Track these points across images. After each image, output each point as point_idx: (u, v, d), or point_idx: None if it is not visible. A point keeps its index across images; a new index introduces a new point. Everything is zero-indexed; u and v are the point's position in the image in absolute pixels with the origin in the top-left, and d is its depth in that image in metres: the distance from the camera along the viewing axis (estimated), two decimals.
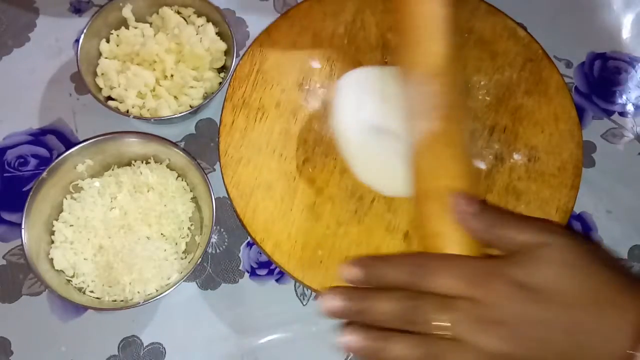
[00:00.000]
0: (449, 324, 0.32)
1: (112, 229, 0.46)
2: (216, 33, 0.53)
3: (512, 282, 0.33)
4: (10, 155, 0.51)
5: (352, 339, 0.33)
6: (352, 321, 0.34)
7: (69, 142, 0.52)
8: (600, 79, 0.56)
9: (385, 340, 0.33)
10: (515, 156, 0.49)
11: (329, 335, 0.46)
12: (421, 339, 0.33)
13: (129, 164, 0.49)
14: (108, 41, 0.53)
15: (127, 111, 0.50)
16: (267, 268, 0.49)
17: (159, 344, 0.46)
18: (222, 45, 0.53)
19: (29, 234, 0.44)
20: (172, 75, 0.51)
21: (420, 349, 0.32)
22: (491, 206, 0.37)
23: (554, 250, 0.34)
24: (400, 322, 0.33)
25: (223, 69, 0.53)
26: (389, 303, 0.33)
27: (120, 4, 0.53)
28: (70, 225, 0.47)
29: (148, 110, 0.51)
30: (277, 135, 0.49)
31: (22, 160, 0.51)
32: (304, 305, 0.48)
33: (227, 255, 0.49)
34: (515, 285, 0.33)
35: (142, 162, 0.49)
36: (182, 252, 0.47)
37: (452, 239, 0.36)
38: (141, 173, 0.48)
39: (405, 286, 0.34)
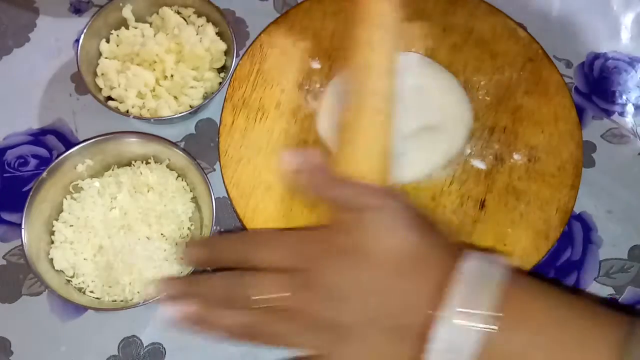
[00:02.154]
0: (268, 297, 0.33)
1: (112, 229, 0.46)
2: (216, 33, 0.53)
3: (336, 249, 0.34)
4: (10, 155, 0.51)
5: (179, 309, 0.35)
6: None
7: (69, 142, 0.52)
8: (600, 79, 0.56)
9: (211, 310, 0.34)
10: (515, 156, 0.49)
11: None
12: (249, 311, 0.34)
13: (128, 164, 0.49)
14: (108, 41, 0.53)
15: (127, 111, 0.50)
16: None
17: (159, 344, 0.46)
18: (222, 45, 0.53)
19: (29, 234, 0.44)
20: (172, 76, 0.51)
21: (245, 318, 0.33)
22: (337, 173, 0.38)
23: (368, 215, 0.34)
24: (225, 301, 0.34)
25: (223, 69, 0.53)
26: (213, 282, 0.35)
27: (120, 4, 0.53)
28: (70, 226, 0.47)
29: (148, 110, 0.51)
30: (277, 136, 0.49)
31: (22, 160, 0.51)
32: None
33: None
34: (338, 252, 0.33)
35: (142, 162, 0.49)
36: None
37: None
38: (141, 173, 0.48)
39: (238, 263, 0.35)
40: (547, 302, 0.32)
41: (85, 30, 0.51)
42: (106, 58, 0.52)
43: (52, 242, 0.46)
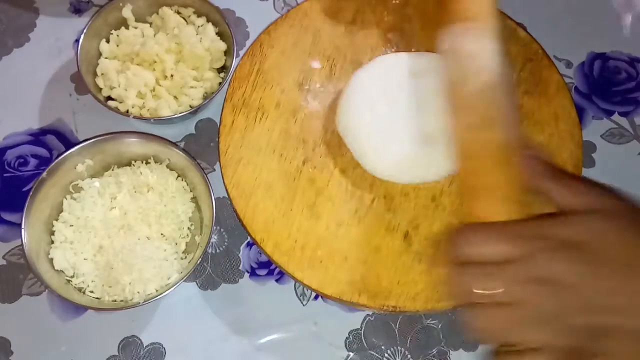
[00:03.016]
0: (492, 292, 0.32)
1: (112, 229, 0.46)
2: (216, 33, 0.53)
3: (559, 240, 0.33)
4: (10, 155, 0.51)
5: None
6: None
7: (68, 142, 0.52)
8: (600, 79, 0.56)
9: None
10: None
11: (328, 335, 0.47)
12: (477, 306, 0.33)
13: (128, 164, 0.49)
14: (108, 41, 0.53)
15: (127, 111, 0.50)
16: (267, 268, 0.49)
17: (159, 344, 0.46)
18: (222, 45, 0.53)
19: (29, 234, 0.44)
20: (172, 75, 0.51)
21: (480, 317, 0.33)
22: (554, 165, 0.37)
23: (607, 213, 0.34)
24: (463, 298, 0.33)
25: (223, 69, 0.53)
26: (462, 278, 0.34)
27: (120, 4, 0.53)
28: (70, 225, 0.47)
29: (148, 110, 0.51)
30: (277, 136, 0.49)
31: (22, 160, 0.51)
32: (303, 305, 0.48)
33: (227, 255, 0.49)
34: (562, 244, 0.33)
35: (142, 162, 0.49)
36: (182, 252, 0.47)
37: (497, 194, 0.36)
38: (141, 173, 0.48)
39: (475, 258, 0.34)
40: None
41: (85, 30, 0.50)
42: (106, 58, 0.52)
43: (52, 242, 0.46)
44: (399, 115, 0.47)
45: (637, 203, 0.36)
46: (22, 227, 0.44)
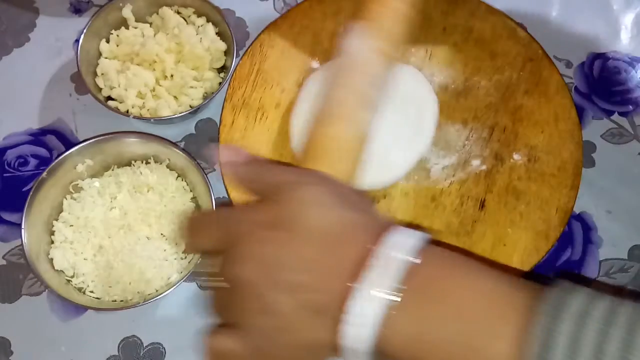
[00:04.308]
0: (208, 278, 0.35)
1: (112, 229, 0.46)
2: (216, 33, 0.53)
3: (259, 223, 0.33)
4: (10, 155, 0.51)
5: None
6: None
7: (69, 142, 0.52)
8: (600, 79, 0.56)
9: None
10: (515, 156, 0.49)
11: None
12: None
13: (128, 164, 0.49)
14: (108, 41, 0.53)
15: (127, 111, 0.50)
16: None
17: (159, 344, 0.46)
18: (222, 45, 0.53)
19: (29, 234, 0.44)
20: (172, 75, 0.51)
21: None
22: (260, 158, 0.39)
23: (294, 190, 0.34)
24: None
25: (223, 69, 0.53)
26: None
27: (120, 4, 0.53)
28: (70, 226, 0.47)
29: (148, 110, 0.51)
30: (277, 136, 0.49)
31: (22, 160, 0.51)
32: None
33: None
34: (261, 226, 0.33)
35: (142, 162, 0.49)
36: (182, 252, 0.47)
37: None
38: (141, 173, 0.48)
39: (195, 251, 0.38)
40: (455, 272, 0.32)
41: (85, 30, 0.50)
42: (106, 58, 0.52)
43: (52, 242, 0.46)
44: None
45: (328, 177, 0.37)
46: (22, 227, 0.44)
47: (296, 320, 0.32)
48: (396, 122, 0.47)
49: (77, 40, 0.51)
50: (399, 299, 0.30)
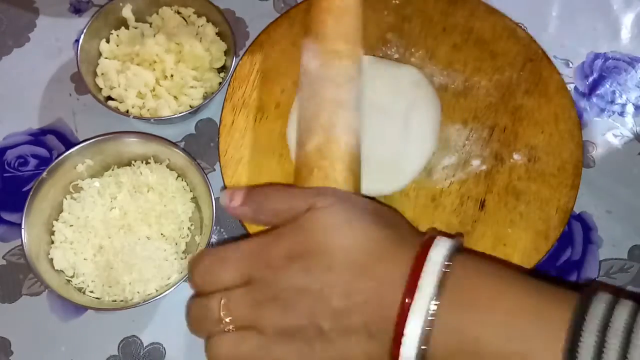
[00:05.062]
0: (229, 318, 0.32)
1: (112, 229, 0.46)
2: (216, 33, 0.53)
3: (280, 255, 0.32)
4: (10, 155, 0.51)
5: None
6: None
7: (68, 142, 0.52)
8: (600, 79, 0.56)
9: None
10: (515, 156, 0.49)
11: None
12: (226, 334, 0.33)
13: (128, 164, 0.49)
14: (108, 41, 0.53)
15: (127, 111, 0.50)
16: None
17: (159, 344, 0.46)
18: (222, 45, 0.53)
19: (29, 234, 0.44)
20: (172, 75, 0.51)
21: (226, 342, 0.33)
22: (257, 188, 0.37)
23: (317, 213, 0.33)
24: (198, 329, 0.34)
25: (223, 69, 0.53)
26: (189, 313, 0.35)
27: (120, 4, 0.53)
28: (70, 226, 0.47)
29: (148, 110, 0.51)
30: (277, 135, 0.49)
31: (22, 160, 0.51)
32: None
33: None
34: (282, 258, 0.32)
35: (142, 162, 0.49)
36: (182, 252, 0.47)
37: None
38: (141, 173, 0.48)
39: (204, 290, 0.35)
40: (497, 283, 0.31)
41: (85, 30, 0.51)
42: (106, 58, 0.52)
43: (52, 242, 0.46)
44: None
45: (347, 194, 0.36)
46: (22, 227, 0.44)
47: (350, 347, 0.31)
48: (400, 128, 0.47)
49: (77, 40, 0.51)
50: (450, 313, 0.30)
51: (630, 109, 0.55)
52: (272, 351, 0.32)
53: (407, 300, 0.30)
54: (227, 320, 0.33)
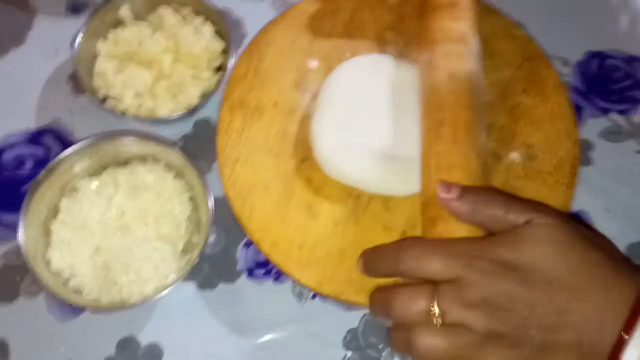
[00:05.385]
0: (439, 310, 0.32)
1: (110, 229, 0.46)
2: (214, 32, 0.53)
3: (496, 261, 0.33)
4: (7, 155, 0.51)
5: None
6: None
7: (66, 143, 0.52)
8: (597, 77, 0.56)
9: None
10: (512, 154, 0.49)
11: (325, 334, 0.47)
12: (408, 328, 0.33)
13: (126, 164, 0.49)
14: (105, 41, 0.53)
15: (124, 111, 0.50)
16: (264, 268, 0.49)
17: (157, 344, 0.46)
18: (220, 45, 0.53)
19: (26, 235, 0.44)
20: (169, 75, 0.51)
21: (408, 340, 0.33)
22: (475, 189, 0.37)
23: (541, 229, 0.33)
24: (404, 317, 0.34)
25: (220, 68, 0.53)
26: (373, 300, 0.35)
27: (118, 4, 0.53)
28: (68, 226, 0.46)
29: (145, 110, 0.51)
30: (275, 135, 0.49)
31: (19, 160, 0.51)
32: (301, 304, 0.48)
33: (225, 255, 0.49)
34: (498, 264, 0.32)
35: (140, 162, 0.49)
36: (180, 252, 0.47)
37: (450, 225, 0.37)
38: (138, 173, 0.48)
39: (395, 274, 0.35)
40: None
41: (82, 30, 0.50)
42: (103, 58, 0.52)
43: (50, 243, 0.46)
44: (367, 124, 0.48)
45: (565, 215, 0.35)
46: (19, 227, 0.44)
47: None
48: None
49: (74, 40, 0.51)
50: None
51: (627, 107, 0.55)
52: (482, 351, 0.32)
53: (625, 334, 0.30)
54: (437, 312, 0.32)
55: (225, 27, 0.52)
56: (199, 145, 0.52)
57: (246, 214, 0.46)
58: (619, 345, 0.30)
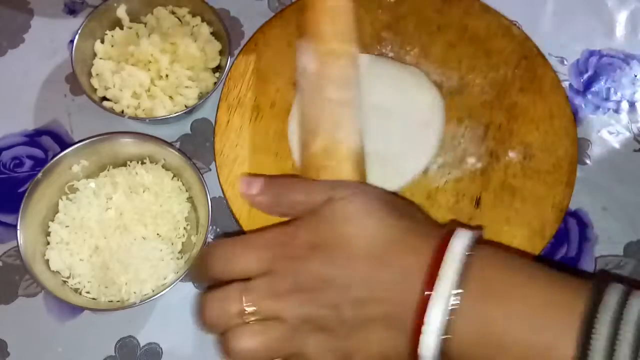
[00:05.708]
0: (252, 309, 0.32)
1: (108, 229, 0.46)
2: (211, 33, 0.53)
3: (301, 245, 0.33)
4: (5, 156, 0.51)
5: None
6: None
7: (64, 143, 0.52)
8: (594, 76, 0.56)
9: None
10: (511, 154, 0.49)
11: None
12: (246, 326, 0.33)
13: (124, 165, 0.49)
14: (103, 42, 0.53)
15: (122, 111, 0.50)
16: None
17: (156, 344, 0.46)
18: (217, 45, 0.53)
19: (25, 235, 0.44)
20: (167, 76, 0.51)
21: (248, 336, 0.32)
22: (276, 179, 0.38)
23: (337, 204, 0.33)
24: (219, 325, 0.33)
25: (218, 68, 0.53)
26: (206, 307, 0.34)
27: (115, 5, 0.53)
28: (66, 226, 0.47)
29: (143, 110, 0.51)
30: (273, 135, 0.49)
31: (17, 161, 0.51)
32: None
33: None
34: (304, 248, 0.32)
35: (138, 163, 0.49)
36: (178, 252, 0.47)
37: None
38: (136, 173, 0.48)
39: (217, 279, 0.35)
40: (515, 273, 0.32)
41: (79, 31, 0.50)
42: (101, 58, 0.52)
43: (48, 243, 0.46)
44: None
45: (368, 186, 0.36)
46: (18, 228, 0.44)
47: (370, 336, 0.31)
48: (405, 127, 0.48)
49: (71, 41, 0.51)
50: (472, 303, 0.30)
51: (625, 105, 0.55)
52: (296, 340, 0.32)
53: (427, 291, 0.30)
54: (250, 311, 0.32)
55: (222, 28, 0.52)
56: (197, 145, 0.52)
57: (244, 213, 0.46)
58: (423, 304, 0.30)
